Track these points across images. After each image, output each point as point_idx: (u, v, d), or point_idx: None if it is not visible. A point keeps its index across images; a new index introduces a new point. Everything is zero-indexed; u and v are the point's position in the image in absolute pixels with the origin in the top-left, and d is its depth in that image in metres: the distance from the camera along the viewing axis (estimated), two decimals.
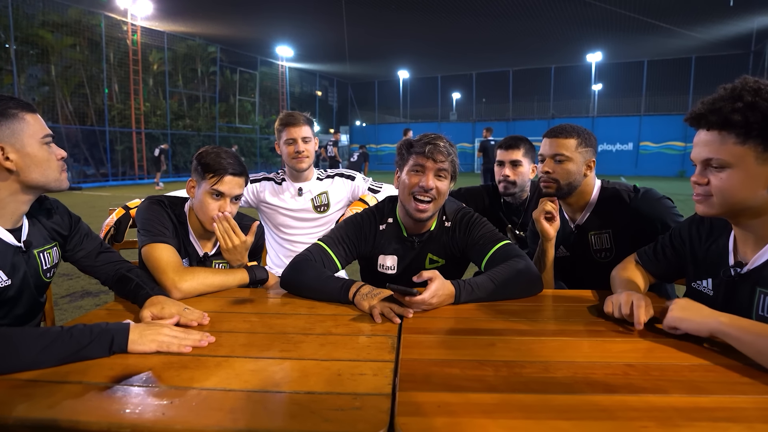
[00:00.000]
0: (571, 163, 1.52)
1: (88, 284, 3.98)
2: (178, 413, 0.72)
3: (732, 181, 0.96)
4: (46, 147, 1.11)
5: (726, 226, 1.11)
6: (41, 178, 1.10)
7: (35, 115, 1.11)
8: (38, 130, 1.10)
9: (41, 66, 15.13)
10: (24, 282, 1.15)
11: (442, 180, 1.41)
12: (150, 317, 1.11)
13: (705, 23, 16.36)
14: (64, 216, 1.29)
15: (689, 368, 0.86)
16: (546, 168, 1.55)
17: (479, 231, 1.46)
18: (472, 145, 24.88)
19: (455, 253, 1.52)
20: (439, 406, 0.73)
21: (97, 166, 16.63)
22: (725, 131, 0.95)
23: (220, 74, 21.04)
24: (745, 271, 1.02)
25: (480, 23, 17.18)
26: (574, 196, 1.58)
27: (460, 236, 1.50)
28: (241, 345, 1.00)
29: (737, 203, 0.97)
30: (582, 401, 0.75)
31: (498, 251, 1.40)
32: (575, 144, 1.53)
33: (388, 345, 0.98)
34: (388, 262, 1.53)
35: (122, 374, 0.84)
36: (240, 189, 1.48)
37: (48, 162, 1.11)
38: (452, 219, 1.52)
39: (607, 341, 1.01)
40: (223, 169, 1.42)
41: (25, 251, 1.14)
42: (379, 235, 1.53)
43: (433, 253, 1.53)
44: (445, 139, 1.43)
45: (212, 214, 1.44)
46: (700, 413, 0.71)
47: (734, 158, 0.94)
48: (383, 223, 1.53)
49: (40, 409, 0.73)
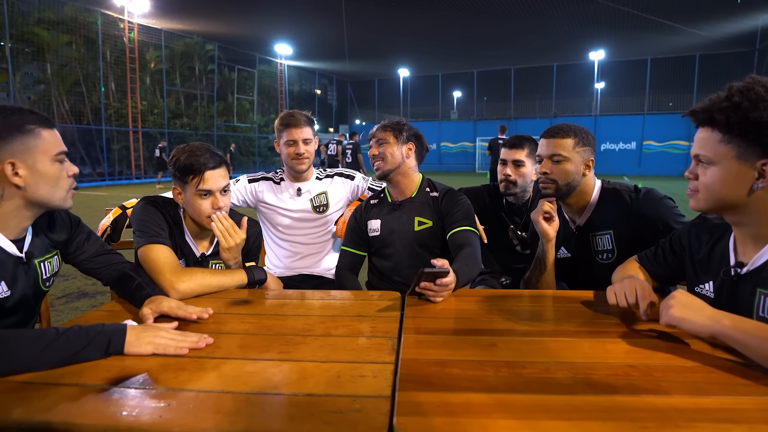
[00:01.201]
0: (568, 163, 1.53)
1: (84, 285, 3.98)
2: (176, 415, 0.72)
3: (714, 179, 0.99)
4: (58, 164, 1.10)
5: (726, 227, 1.11)
6: (47, 196, 1.09)
7: (52, 130, 1.10)
8: (52, 147, 1.09)
9: (37, 64, 15.16)
10: (23, 292, 1.15)
11: (383, 145, 1.76)
12: (150, 313, 1.13)
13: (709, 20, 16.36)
14: (65, 221, 1.29)
15: (691, 369, 0.87)
16: (543, 169, 1.56)
17: (459, 207, 1.72)
18: (473, 144, 24.90)
19: (440, 217, 1.76)
20: (439, 406, 0.73)
21: (93, 166, 16.64)
22: (711, 129, 0.99)
23: (218, 72, 21.07)
24: (745, 272, 1.02)
25: (481, 20, 17.18)
26: (574, 196, 1.58)
27: (444, 205, 1.76)
28: (239, 346, 1.00)
29: (721, 200, 1.00)
30: (583, 402, 0.75)
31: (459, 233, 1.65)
32: (572, 143, 1.53)
33: (388, 346, 0.99)
34: (372, 225, 1.84)
35: (119, 376, 0.85)
36: (225, 180, 1.47)
37: (57, 180, 1.10)
38: (440, 192, 1.81)
39: (608, 342, 1.01)
40: (201, 166, 1.41)
41: (25, 262, 1.14)
42: (369, 207, 1.88)
43: (420, 216, 1.78)
44: None
45: (207, 213, 1.44)
46: (702, 414, 0.71)
47: (717, 156, 0.98)
48: (376, 198, 1.89)
49: (35, 412, 0.73)
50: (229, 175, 1.52)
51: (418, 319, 1.15)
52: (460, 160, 25.76)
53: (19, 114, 1.05)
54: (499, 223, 2.08)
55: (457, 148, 26.08)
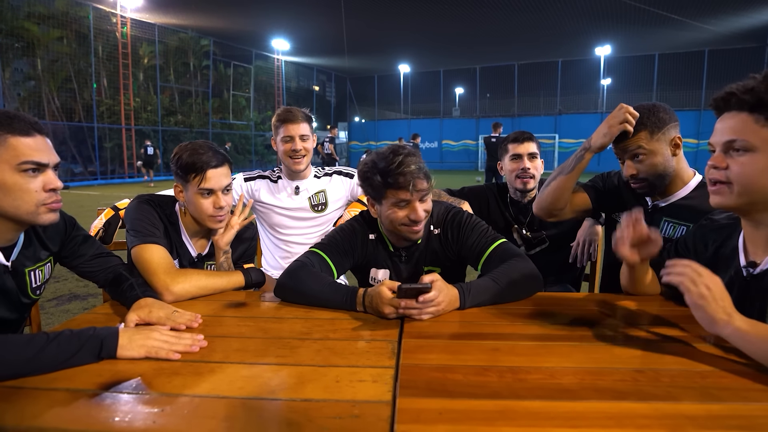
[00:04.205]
0: (652, 156, 1.43)
1: (75, 287, 3.98)
2: (170, 421, 0.72)
3: (754, 166, 0.94)
4: (24, 175, 1.02)
5: (735, 227, 1.11)
6: (10, 209, 1.03)
7: (25, 138, 1.02)
8: (18, 156, 1.01)
9: (27, 60, 15.16)
10: (9, 301, 1.14)
11: (426, 200, 1.36)
12: (135, 321, 1.11)
13: (719, 15, 16.36)
14: (59, 224, 1.25)
15: (701, 374, 0.86)
16: (630, 171, 1.47)
17: (473, 232, 1.43)
18: (476, 142, 24.89)
19: (450, 257, 1.48)
20: (441, 413, 0.73)
21: (85, 164, 16.65)
22: (756, 113, 0.93)
23: (213, 68, 21.07)
24: (758, 272, 1.02)
25: (484, 15, 17.18)
26: (670, 184, 1.48)
27: (452, 239, 1.46)
28: (235, 350, 1.00)
29: (757, 192, 0.95)
30: (589, 408, 0.75)
31: (495, 251, 1.38)
32: (647, 135, 1.42)
33: (388, 350, 0.98)
34: (379, 276, 1.51)
35: (111, 381, 0.84)
36: (227, 178, 1.48)
37: (21, 192, 1.02)
38: (441, 224, 1.48)
39: (615, 346, 1.01)
40: (204, 164, 1.42)
41: (11, 270, 1.13)
42: (370, 244, 1.50)
43: (427, 264, 1.50)
44: (410, 154, 1.32)
45: (209, 212, 1.45)
46: (713, 421, 0.71)
47: (761, 141, 0.93)
48: (373, 232, 1.50)
49: (25, 418, 0.73)
50: (231, 174, 1.53)
51: (419, 322, 1.15)
52: (462, 159, 25.77)
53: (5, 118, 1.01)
54: (504, 222, 2.08)
55: (459, 146, 26.10)
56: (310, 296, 1.28)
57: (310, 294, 1.28)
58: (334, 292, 1.26)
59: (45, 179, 1.06)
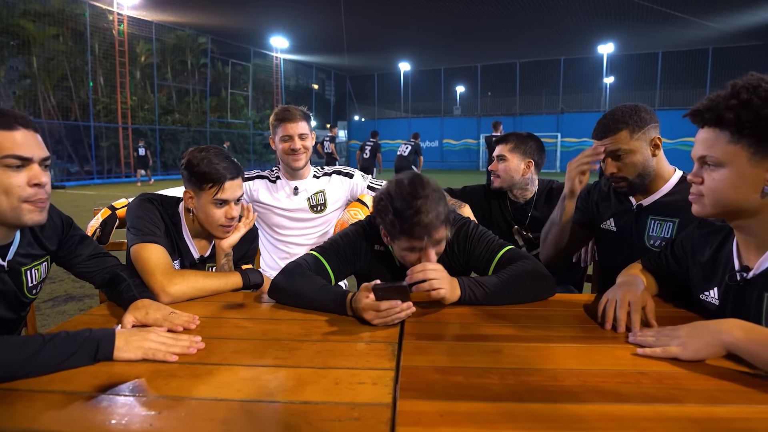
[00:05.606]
0: (632, 154, 1.46)
1: (71, 288, 3.98)
2: (167, 424, 0.72)
3: (724, 182, 0.97)
4: (6, 170, 0.99)
5: (729, 230, 1.11)
6: None
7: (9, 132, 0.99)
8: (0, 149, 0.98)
9: (22, 58, 15.16)
10: (7, 301, 1.14)
11: (441, 243, 1.32)
12: (132, 323, 1.11)
13: (723, 12, 16.36)
14: (56, 223, 1.25)
15: (705, 377, 0.86)
16: (610, 169, 1.50)
17: (481, 242, 1.44)
18: (477, 141, 24.91)
19: (457, 269, 1.47)
20: (442, 415, 0.73)
21: (81, 164, 16.65)
22: (719, 129, 0.97)
23: (211, 66, 21.06)
24: (751, 276, 1.02)
25: (485, 12, 17.18)
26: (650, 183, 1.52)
27: (459, 251, 1.46)
28: (233, 352, 1.00)
29: (729, 204, 0.99)
30: (592, 411, 0.75)
31: (504, 256, 1.39)
32: (627, 134, 1.46)
33: (389, 352, 0.98)
34: None
35: (108, 383, 0.84)
36: (241, 189, 1.49)
37: (2, 188, 0.99)
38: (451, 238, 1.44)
39: (618, 348, 1.01)
40: (221, 176, 1.42)
41: (7, 270, 1.13)
42: (375, 255, 1.49)
43: None
44: (430, 196, 1.25)
45: (220, 222, 1.46)
46: (717, 424, 0.71)
47: (727, 157, 0.96)
48: (380, 244, 1.47)
49: (20, 421, 0.73)
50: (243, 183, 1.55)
51: (419, 323, 1.15)
52: (463, 158, 25.77)
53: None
54: (503, 223, 2.09)
55: (460, 145, 26.10)
56: (302, 298, 1.28)
57: (303, 296, 1.28)
58: (325, 295, 1.25)
59: (30, 174, 1.02)
